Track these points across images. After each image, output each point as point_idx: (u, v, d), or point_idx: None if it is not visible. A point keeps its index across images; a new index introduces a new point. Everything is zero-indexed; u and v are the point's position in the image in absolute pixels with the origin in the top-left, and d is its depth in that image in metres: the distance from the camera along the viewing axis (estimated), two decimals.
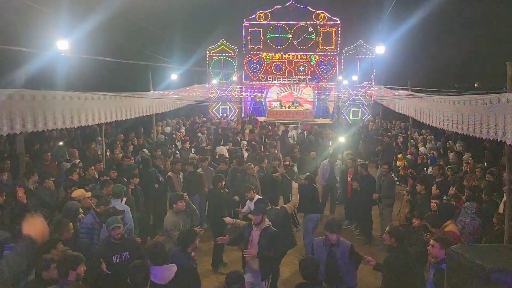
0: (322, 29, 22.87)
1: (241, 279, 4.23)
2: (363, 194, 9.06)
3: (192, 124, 18.97)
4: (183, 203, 6.40)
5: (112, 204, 6.58)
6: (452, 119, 7.74)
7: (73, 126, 8.20)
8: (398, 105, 14.48)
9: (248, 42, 23.54)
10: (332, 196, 10.76)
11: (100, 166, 9.37)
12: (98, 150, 11.67)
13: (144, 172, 9.37)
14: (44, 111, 7.20)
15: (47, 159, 9.69)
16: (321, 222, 9.25)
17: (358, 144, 16.94)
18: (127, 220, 6.53)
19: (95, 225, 5.97)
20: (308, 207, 8.08)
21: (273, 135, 16.20)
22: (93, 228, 5.93)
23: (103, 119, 9.31)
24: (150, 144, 13.55)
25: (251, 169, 9.16)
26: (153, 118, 13.31)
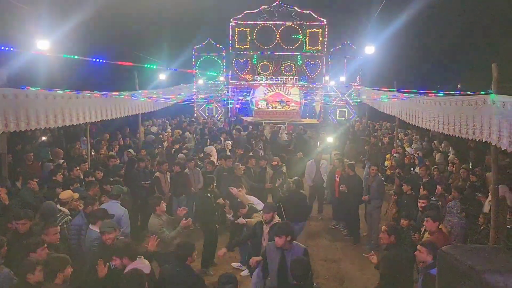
0: (309, 30, 22.94)
1: (234, 280, 4.23)
2: (350, 194, 9.08)
3: (178, 124, 18.84)
4: (164, 205, 6.32)
5: (110, 205, 6.49)
6: (438, 119, 7.81)
7: (57, 125, 8.02)
8: (384, 105, 14.58)
9: (235, 42, 23.47)
10: (320, 196, 10.77)
11: (85, 167, 9.22)
12: (83, 150, 11.49)
13: (131, 173, 9.24)
14: (26, 110, 7.02)
15: (29, 159, 9.49)
16: (309, 224, 9.31)
17: (345, 144, 17.02)
18: (123, 224, 6.44)
19: (83, 226, 5.89)
20: (293, 215, 7.96)
21: (259, 135, 16.15)
22: (81, 229, 5.84)
23: (88, 118, 9.14)
24: (136, 144, 13.40)
25: (238, 169, 9.12)
26: (139, 118, 13.14)
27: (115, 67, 13.86)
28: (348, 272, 7.78)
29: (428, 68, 26.96)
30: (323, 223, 10.45)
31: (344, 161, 10.29)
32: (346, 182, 9.18)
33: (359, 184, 9.24)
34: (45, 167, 9.39)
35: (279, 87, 23.97)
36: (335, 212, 10.23)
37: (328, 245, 9.14)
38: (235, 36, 23.38)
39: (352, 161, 11.26)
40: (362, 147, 15.82)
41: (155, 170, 9.75)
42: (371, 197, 8.81)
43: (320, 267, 7.91)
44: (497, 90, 5.73)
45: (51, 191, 7.15)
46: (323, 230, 9.98)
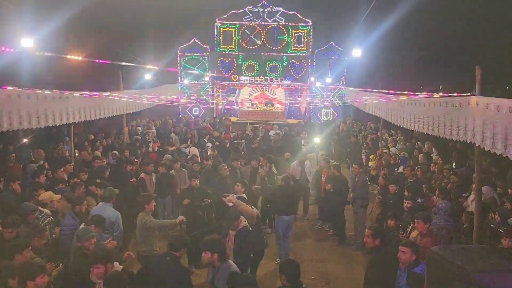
0: (294, 30, 23.02)
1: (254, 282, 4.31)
2: (336, 194, 9.14)
3: (163, 125, 18.70)
4: (153, 204, 6.28)
5: (103, 208, 6.42)
6: (423, 120, 7.91)
7: (40, 126, 7.87)
8: (369, 106, 14.71)
9: (220, 42, 23.41)
10: (305, 196, 10.79)
11: (70, 167, 9.06)
12: (65, 151, 11.30)
13: (116, 173, 9.12)
14: (9, 111, 6.87)
15: (11, 160, 9.29)
16: (295, 225, 9.32)
17: (330, 145, 17.14)
18: (116, 228, 6.39)
19: (76, 226, 5.86)
20: (280, 209, 8.04)
21: (241, 135, 16.10)
22: (75, 229, 5.78)
23: (72, 119, 8.99)
24: (120, 144, 13.23)
25: (224, 170, 9.07)
26: (124, 119, 12.98)
27: (99, 66, 13.67)
28: (334, 272, 7.82)
29: (411, 69, 27.39)
30: (309, 223, 10.48)
31: (330, 162, 10.34)
32: (332, 182, 9.24)
33: (345, 184, 9.30)
34: (28, 168, 9.20)
35: (264, 87, 23.99)
36: (321, 212, 10.28)
37: (314, 245, 9.17)
38: (220, 36, 23.31)
39: (337, 161, 11.34)
40: (347, 147, 15.95)
41: (140, 170, 9.65)
42: (355, 196, 8.88)
43: (306, 267, 7.92)
44: (481, 92, 5.84)
45: (32, 192, 7.01)
46: (309, 230, 10.02)
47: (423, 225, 5.48)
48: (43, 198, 6.23)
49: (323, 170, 10.06)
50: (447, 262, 2.67)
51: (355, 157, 13.76)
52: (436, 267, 2.77)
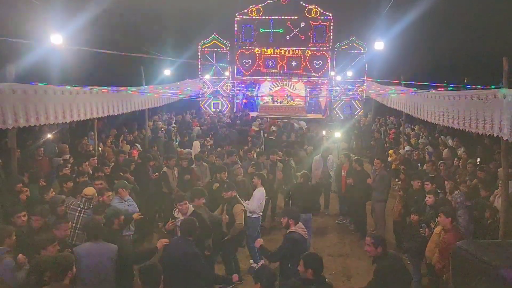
0: (315, 24, 22.79)
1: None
2: (357, 189, 9.07)
3: (183, 120, 18.86)
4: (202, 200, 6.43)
5: (115, 201, 6.56)
6: (447, 114, 7.77)
7: (66, 121, 8.07)
8: (391, 100, 14.51)
9: (240, 37, 23.38)
10: (326, 192, 10.75)
11: (93, 161, 9.25)
12: (90, 146, 11.54)
13: (140, 168, 9.26)
14: (36, 106, 7.07)
15: (39, 155, 9.54)
16: (315, 220, 9.30)
17: (351, 140, 16.98)
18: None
19: None
20: (301, 206, 8.00)
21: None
22: None
23: (95, 114, 9.18)
24: (142, 139, 13.43)
25: (237, 170, 9.08)
26: (146, 113, 13.16)
27: (122, 62, 13.87)
28: (355, 267, 7.77)
29: (435, 62, 26.82)
30: (329, 218, 10.44)
31: (350, 156, 10.26)
32: (353, 176, 9.17)
33: (366, 179, 9.21)
34: (54, 162, 9.44)
35: (285, 82, 23.89)
36: (341, 207, 10.23)
37: (335, 240, 9.13)
38: (240, 31, 23.29)
39: (358, 156, 11.22)
40: (368, 142, 15.77)
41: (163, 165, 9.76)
42: (373, 188, 8.81)
43: (327, 262, 7.83)
44: (508, 84, 5.69)
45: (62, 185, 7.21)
46: (330, 225, 9.98)
47: (445, 219, 5.38)
48: (88, 193, 6.37)
49: (344, 165, 9.98)
50: (473, 257, 2.63)
51: (378, 152, 13.59)
52: (461, 262, 2.73)
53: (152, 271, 4.16)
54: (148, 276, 4.11)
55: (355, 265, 7.86)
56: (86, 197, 6.32)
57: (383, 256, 4.69)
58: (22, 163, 9.04)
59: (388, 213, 8.94)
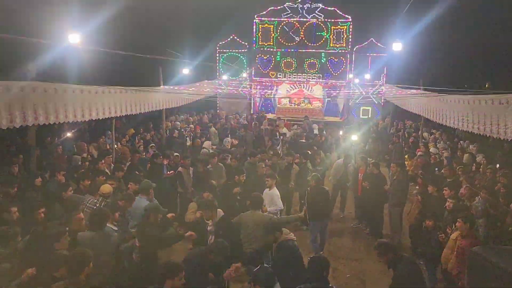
0: (333, 27, 22.67)
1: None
2: (374, 192, 8.96)
3: (200, 120, 18.98)
4: None
5: (139, 201, 6.61)
6: (467, 118, 7.62)
7: (84, 119, 8.20)
8: (409, 104, 14.32)
9: (258, 39, 23.41)
10: (343, 195, 10.65)
11: (109, 159, 9.37)
12: (107, 144, 11.69)
13: (155, 167, 9.34)
14: (55, 104, 7.20)
15: (58, 152, 9.71)
16: (330, 223, 9.23)
17: (367, 143, 16.81)
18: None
19: None
20: (313, 214, 7.86)
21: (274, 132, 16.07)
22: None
23: (114, 113, 9.29)
24: (159, 139, 13.55)
25: (261, 169, 9.09)
26: (163, 113, 13.27)
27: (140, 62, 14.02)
28: (370, 271, 7.67)
29: (454, 66, 26.35)
30: (345, 221, 10.35)
31: (367, 160, 10.15)
32: (369, 180, 9.07)
33: (383, 183, 9.10)
34: (73, 160, 9.59)
35: (302, 84, 23.82)
36: (357, 211, 10.13)
37: (351, 244, 9.04)
38: (258, 32, 23.32)
39: (375, 159, 11.05)
40: (386, 146, 15.59)
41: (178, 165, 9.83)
42: (389, 193, 8.67)
43: (341, 266, 7.84)
44: None
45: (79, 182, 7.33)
46: (345, 229, 9.89)
47: (464, 225, 5.26)
48: (105, 191, 6.46)
49: (360, 168, 9.88)
50: (490, 264, 2.56)
51: (396, 156, 13.40)
52: (478, 268, 2.67)
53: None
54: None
55: (370, 269, 7.76)
56: (103, 195, 6.40)
57: (397, 261, 4.62)
58: (41, 160, 9.21)
59: (404, 218, 8.81)
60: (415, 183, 10.64)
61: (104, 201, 6.33)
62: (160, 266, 4.21)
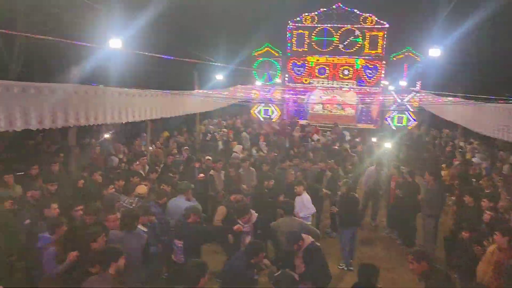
0: (369, 33, 22.41)
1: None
2: (406, 201, 8.77)
3: (233, 125, 19.16)
4: None
5: (179, 200, 6.86)
6: (508, 128, 7.36)
7: (121, 121, 8.46)
8: (446, 112, 13.95)
9: (292, 45, 23.45)
10: (375, 203, 10.49)
11: (143, 161, 9.61)
12: (142, 146, 12.00)
13: (187, 169, 9.51)
14: (95, 106, 7.48)
15: (96, 153, 10.05)
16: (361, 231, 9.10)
17: (401, 151, 16.47)
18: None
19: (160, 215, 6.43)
20: (342, 221, 7.87)
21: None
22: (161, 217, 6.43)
23: (149, 115, 9.54)
24: (192, 142, 13.78)
25: (290, 175, 9.09)
26: (197, 117, 13.50)
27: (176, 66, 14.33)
28: (402, 282, 7.51)
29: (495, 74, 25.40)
30: (376, 230, 10.18)
31: (400, 168, 9.96)
32: (402, 188, 8.89)
33: (416, 191, 8.90)
34: (109, 160, 9.91)
35: (336, 90, 23.64)
36: (389, 219, 9.94)
37: (382, 253, 8.87)
38: (292, 38, 23.35)
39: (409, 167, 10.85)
40: (420, 154, 15.23)
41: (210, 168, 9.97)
42: (423, 203, 8.49)
43: None
44: None
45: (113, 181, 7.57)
46: (377, 238, 9.72)
47: (501, 238, 5.07)
48: (140, 191, 6.67)
49: (393, 176, 9.71)
50: None
51: (431, 165, 13.07)
52: None
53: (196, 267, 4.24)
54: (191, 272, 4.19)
55: (402, 279, 7.59)
56: (139, 195, 6.58)
57: (430, 272, 4.49)
58: (80, 159, 9.56)
59: (439, 229, 8.58)
60: (451, 194, 10.35)
61: (140, 201, 6.52)
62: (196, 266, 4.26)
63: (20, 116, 5.91)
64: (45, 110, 6.35)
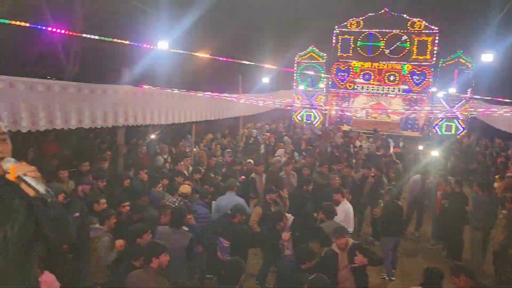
0: (418, 38, 21.79)
1: None
2: (453, 212, 8.44)
3: (275, 129, 19.20)
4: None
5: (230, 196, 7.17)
6: None
7: (168, 122, 8.72)
8: (499, 121, 13.32)
9: (337, 50, 23.21)
10: (419, 212, 10.17)
11: (187, 161, 9.84)
12: (186, 147, 12.28)
13: (230, 172, 9.64)
14: (143, 107, 7.76)
15: (142, 152, 10.40)
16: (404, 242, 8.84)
17: (449, 161, 15.87)
18: None
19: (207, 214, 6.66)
20: (384, 229, 7.69)
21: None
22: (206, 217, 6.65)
23: (194, 117, 9.77)
24: (235, 145, 13.94)
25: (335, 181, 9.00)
26: (241, 120, 13.66)
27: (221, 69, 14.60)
28: None
29: None
30: (420, 241, 9.85)
31: (447, 178, 9.61)
32: (449, 199, 8.58)
33: (464, 202, 8.55)
34: (155, 160, 10.22)
35: (381, 96, 23.15)
36: (434, 231, 9.60)
37: (425, 265, 8.53)
38: (338, 43, 23.11)
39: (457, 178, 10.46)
40: (470, 164, 14.60)
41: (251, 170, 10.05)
42: (470, 215, 8.14)
43: None
44: None
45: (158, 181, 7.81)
46: (420, 249, 9.41)
47: None
48: (184, 191, 6.87)
49: (439, 186, 9.38)
50: None
51: (481, 176, 12.51)
52: None
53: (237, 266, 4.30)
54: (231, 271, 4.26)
55: None
56: (182, 194, 6.76)
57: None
58: (127, 158, 9.93)
59: (490, 243, 8.19)
60: (503, 207, 9.86)
61: (183, 200, 6.68)
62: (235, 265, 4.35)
63: (74, 115, 6.24)
64: (97, 110, 6.67)
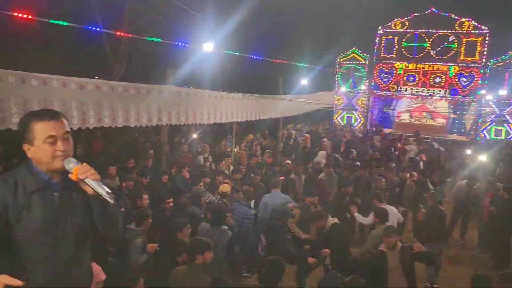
0: (466, 39, 20.91)
1: None
2: (502, 220, 8.09)
3: (315, 130, 19.07)
4: None
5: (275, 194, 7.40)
6: None
7: (209, 122, 8.88)
8: None
9: (380, 51, 22.71)
10: (465, 219, 9.80)
11: (228, 161, 9.99)
12: (227, 147, 12.46)
13: (269, 172, 9.71)
14: (186, 107, 7.95)
15: (184, 151, 10.66)
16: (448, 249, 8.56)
17: (498, 166, 15.16)
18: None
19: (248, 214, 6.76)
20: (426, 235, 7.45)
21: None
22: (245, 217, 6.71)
23: (235, 118, 9.89)
24: (275, 146, 13.99)
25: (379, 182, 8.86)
26: (281, 121, 13.69)
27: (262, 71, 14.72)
28: None
29: None
30: (465, 249, 9.49)
31: (496, 184, 9.21)
32: (498, 205, 8.22)
33: None
34: (196, 159, 10.45)
35: (425, 99, 22.44)
36: (481, 239, 9.23)
37: (470, 274, 8.23)
38: (381, 44, 22.62)
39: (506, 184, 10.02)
40: None
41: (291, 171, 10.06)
42: None
43: None
44: None
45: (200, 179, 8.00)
46: (466, 257, 9.06)
47: None
48: (224, 190, 7.01)
49: (487, 192, 9.01)
50: None
51: None
52: None
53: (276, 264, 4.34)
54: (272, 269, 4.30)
55: None
56: (222, 193, 6.88)
57: None
58: (170, 157, 10.21)
59: None
60: None
61: (221, 199, 6.80)
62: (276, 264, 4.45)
63: (121, 114, 6.49)
64: (143, 109, 6.90)
